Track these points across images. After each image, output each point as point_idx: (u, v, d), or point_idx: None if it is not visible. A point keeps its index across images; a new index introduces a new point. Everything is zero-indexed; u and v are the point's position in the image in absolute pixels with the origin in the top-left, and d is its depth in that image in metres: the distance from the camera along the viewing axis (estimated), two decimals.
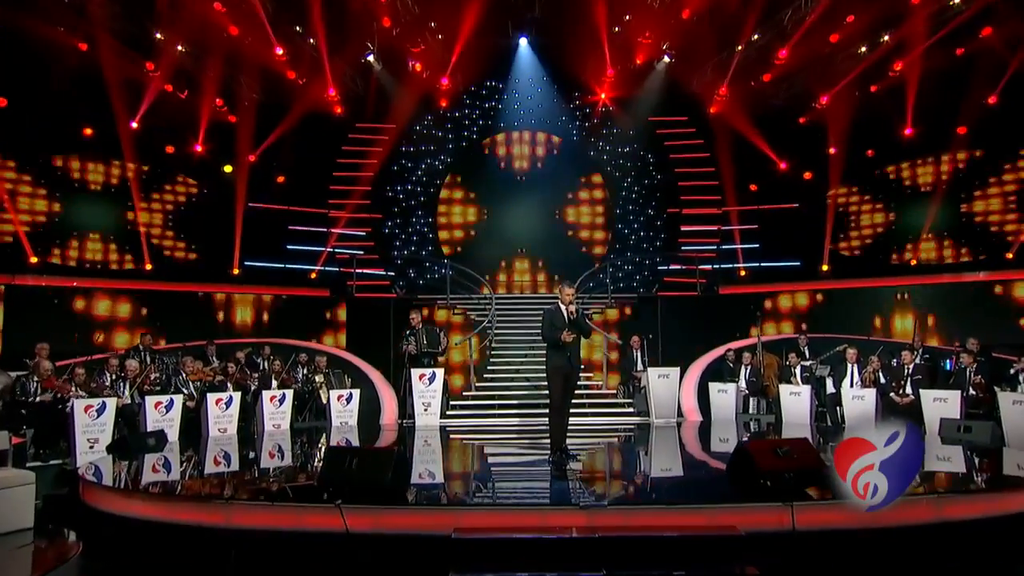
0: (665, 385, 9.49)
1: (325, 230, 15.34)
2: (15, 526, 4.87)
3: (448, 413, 9.82)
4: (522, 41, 15.64)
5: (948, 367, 9.71)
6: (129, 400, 8.03)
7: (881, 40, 12.82)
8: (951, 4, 11.89)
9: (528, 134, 16.27)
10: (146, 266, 13.30)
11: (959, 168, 13.43)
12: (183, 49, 12.75)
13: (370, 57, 14.32)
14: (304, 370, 10.12)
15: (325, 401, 9.56)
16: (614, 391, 10.72)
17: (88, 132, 12.81)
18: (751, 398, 10.13)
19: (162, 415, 7.73)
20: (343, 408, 9.31)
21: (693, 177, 15.94)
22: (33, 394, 7.55)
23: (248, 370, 9.83)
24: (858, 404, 8.52)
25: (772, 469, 4.60)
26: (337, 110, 15.16)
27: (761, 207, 15.52)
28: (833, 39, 13.11)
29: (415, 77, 15.13)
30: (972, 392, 8.31)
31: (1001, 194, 12.92)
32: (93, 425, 6.89)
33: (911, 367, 8.74)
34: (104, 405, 7.01)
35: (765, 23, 13.33)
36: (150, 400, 7.75)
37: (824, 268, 14.55)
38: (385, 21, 13.66)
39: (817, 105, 14.48)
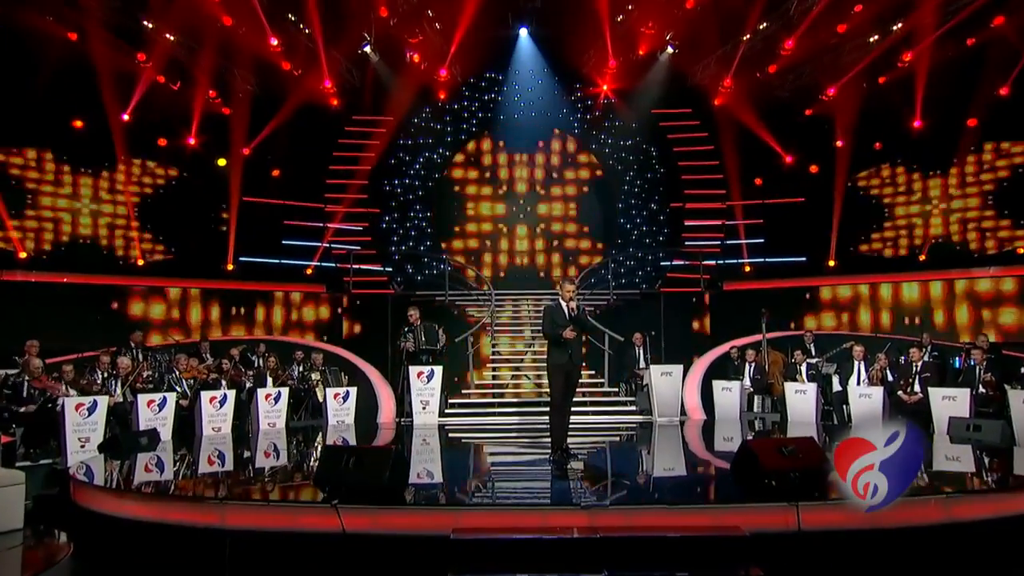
0: (668, 383, 9.48)
1: (321, 225, 15.33)
2: (4, 527, 4.85)
3: (447, 411, 9.82)
4: (522, 32, 15.59)
5: (957, 365, 9.70)
6: (121, 398, 8.01)
7: (892, 29, 12.74)
8: None
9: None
10: (138, 262, 13.31)
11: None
12: (174, 38, 12.70)
13: (367, 48, 14.25)
14: (300, 367, 10.11)
15: (321, 399, 9.55)
16: (616, 389, 10.73)
17: (78, 124, 12.79)
18: (756, 396, 10.12)
19: (155, 413, 7.72)
20: (340, 406, 9.31)
21: (697, 171, 15.89)
22: (24, 391, 7.52)
23: (243, 367, 9.84)
24: (865, 402, 8.51)
25: (777, 468, 4.60)
26: (333, 102, 15.13)
27: (766, 201, 15.50)
28: (841, 29, 13.06)
29: (413, 68, 15.06)
30: (982, 390, 8.28)
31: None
32: (84, 424, 6.87)
33: (919, 364, 8.72)
34: (95, 403, 6.99)
35: (771, 13, 13.27)
36: (142, 398, 7.74)
37: (831, 263, 14.54)
38: (382, 11, 13.60)
39: (824, 97, 14.44)
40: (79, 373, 7.99)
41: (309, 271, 14.93)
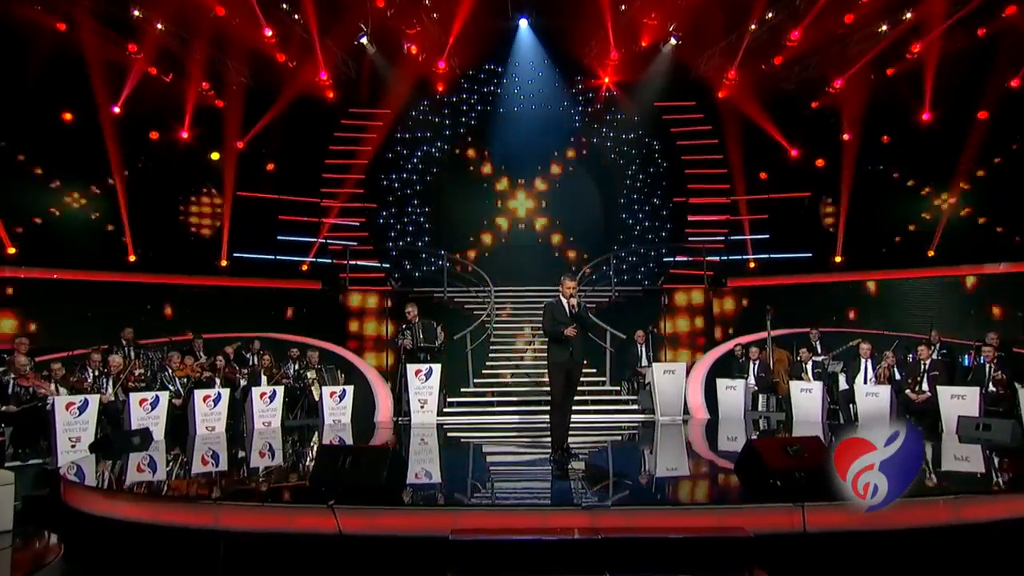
0: (671, 381, 9.49)
1: (317, 220, 15.31)
2: None
3: (445, 410, 9.82)
4: (522, 22, 15.54)
5: (967, 363, 9.70)
6: (112, 397, 8.01)
7: (904, 18, 12.68)
8: None
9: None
10: (129, 257, 13.29)
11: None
12: (166, 28, 12.65)
13: (363, 39, 14.22)
14: (295, 365, 10.11)
15: (317, 398, 9.57)
16: (617, 388, 10.73)
17: (68, 117, 12.76)
18: (760, 395, 10.12)
19: (147, 412, 7.72)
20: (336, 405, 9.31)
21: (700, 165, 15.87)
22: (10, 389, 7.50)
23: (237, 366, 9.83)
24: (872, 401, 8.50)
25: (782, 468, 4.59)
26: (329, 95, 15.09)
27: (771, 196, 15.48)
28: (848, 20, 13.04)
29: (410, 60, 15.04)
30: (992, 389, 8.28)
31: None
32: (75, 423, 6.88)
33: (928, 362, 8.71)
34: (86, 402, 7.00)
35: (776, 3, 13.26)
36: (134, 397, 7.75)
37: (837, 259, 14.53)
38: (379, 1, 13.58)
39: (830, 89, 14.41)
40: (69, 371, 7.98)
41: (305, 267, 14.92)
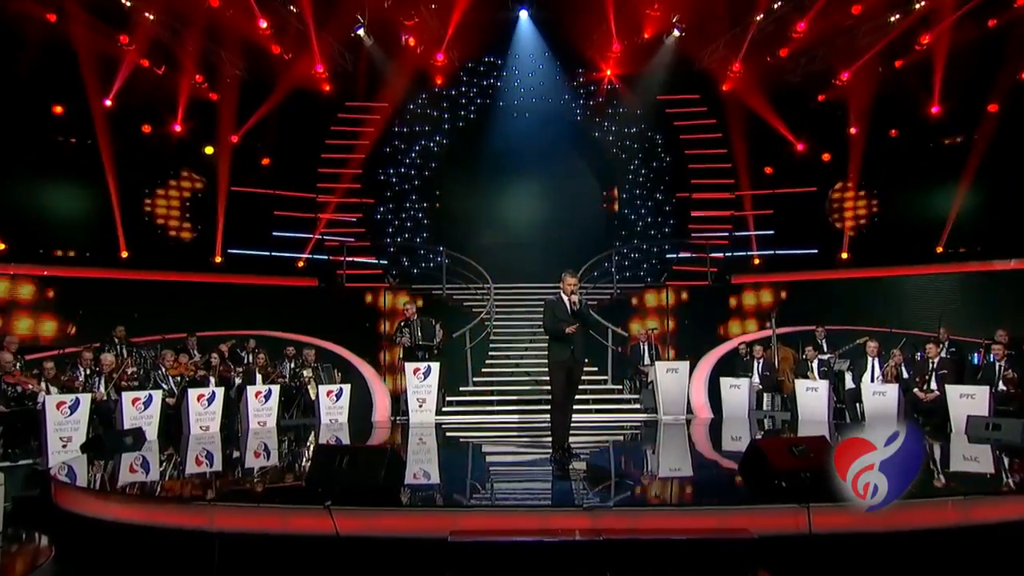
0: (674, 380, 9.48)
1: (313, 216, 15.30)
2: None
3: (444, 410, 9.82)
4: (522, 14, 15.50)
5: (976, 361, 9.69)
6: (105, 396, 8.01)
7: (913, 8, 12.63)
8: None
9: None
10: (122, 253, 13.29)
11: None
12: (158, 19, 12.61)
13: (360, 31, 14.19)
14: (291, 364, 10.11)
15: (314, 397, 9.56)
16: (619, 387, 10.73)
17: (58, 110, 12.73)
18: (765, 394, 10.12)
19: (140, 412, 7.72)
20: (333, 404, 9.32)
21: (704, 159, 15.86)
22: None
23: (231, 364, 9.82)
24: (879, 400, 8.51)
25: (787, 469, 4.59)
26: (325, 88, 15.06)
27: (776, 191, 15.46)
28: (855, 11, 13.00)
29: (408, 52, 15.02)
30: (1002, 388, 8.28)
31: None
32: (66, 423, 6.87)
33: (936, 361, 8.70)
34: (78, 401, 6.99)
35: None
36: (127, 396, 7.74)
37: (843, 256, 14.51)
38: None
39: (837, 82, 14.39)
40: (61, 370, 7.98)
41: (301, 264, 14.90)
